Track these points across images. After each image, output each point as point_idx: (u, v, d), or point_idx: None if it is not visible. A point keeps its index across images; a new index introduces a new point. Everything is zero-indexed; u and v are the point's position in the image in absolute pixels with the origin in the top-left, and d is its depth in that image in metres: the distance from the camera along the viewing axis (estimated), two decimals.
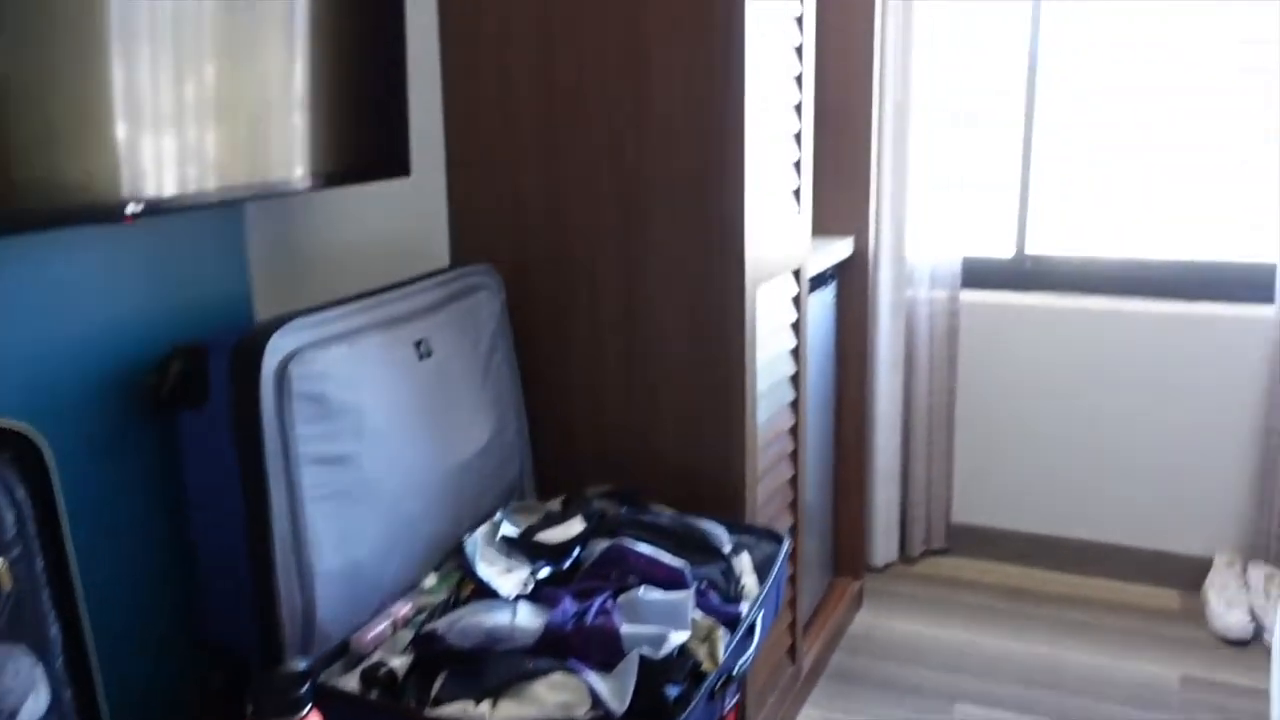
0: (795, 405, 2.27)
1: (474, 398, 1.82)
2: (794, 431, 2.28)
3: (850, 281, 2.74)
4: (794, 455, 2.29)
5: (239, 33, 1.41)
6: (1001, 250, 3.08)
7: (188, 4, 1.32)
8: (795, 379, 2.25)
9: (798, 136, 2.10)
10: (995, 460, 3.09)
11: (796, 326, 2.22)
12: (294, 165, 1.54)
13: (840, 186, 2.70)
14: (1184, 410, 2.86)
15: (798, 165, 2.12)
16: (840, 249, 2.62)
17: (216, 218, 1.58)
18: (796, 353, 2.23)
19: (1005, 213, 3.05)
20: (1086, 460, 2.99)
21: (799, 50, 2.07)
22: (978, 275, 3.06)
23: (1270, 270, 2.74)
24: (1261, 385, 2.76)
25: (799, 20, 2.05)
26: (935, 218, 2.95)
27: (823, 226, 2.72)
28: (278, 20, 1.48)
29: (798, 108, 2.09)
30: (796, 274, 2.19)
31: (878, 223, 2.86)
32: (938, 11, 2.80)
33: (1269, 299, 2.73)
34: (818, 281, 2.53)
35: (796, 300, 2.20)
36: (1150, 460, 2.92)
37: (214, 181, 1.40)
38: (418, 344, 1.68)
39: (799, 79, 2.08)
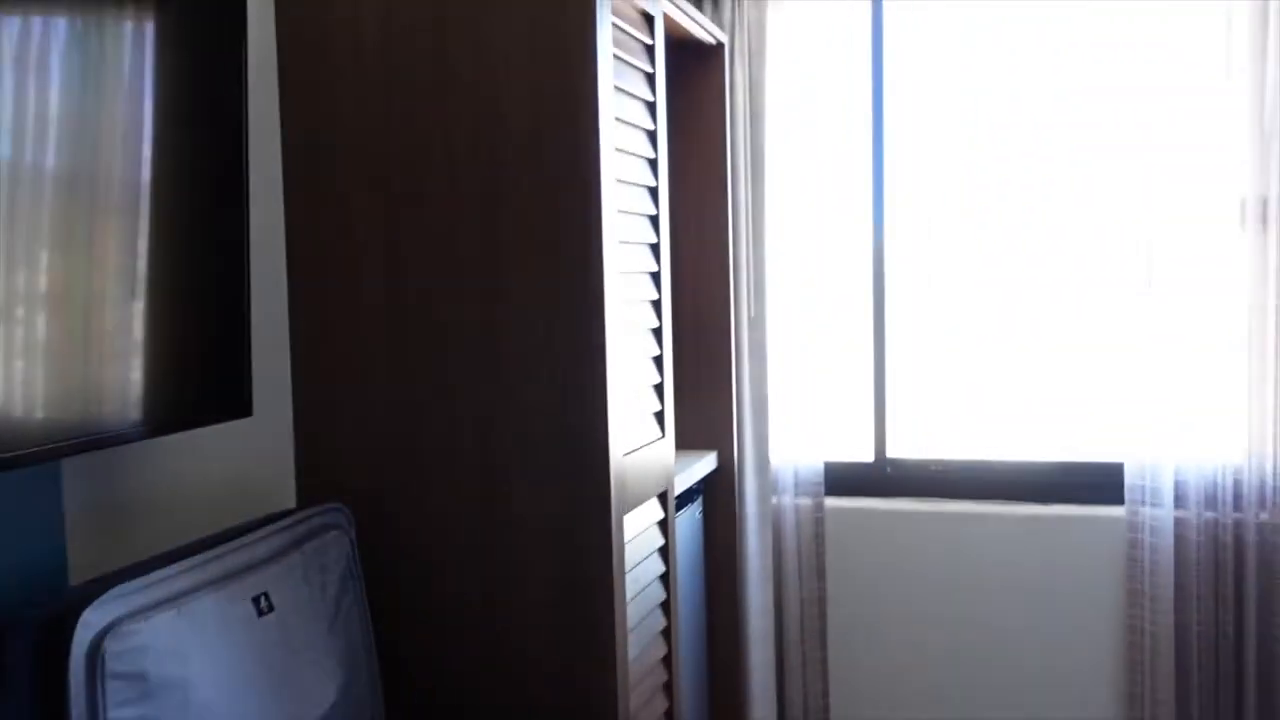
0: (667, 633, 2.17)
1: (322, 651, 1.66)
2: (667, 661, 2.17)
3: (716, 495, 2.71)
4: (668, 686, 2.18)
5: (67, 264, 1.32)
6: (862, 455, 3.11)
7: (12, 233, 1.23)
8: (666, 606, 2.16)
9: (658, 360, 2.09)
10: (870, 669, 3.02)
11: (665, 551, 2.15)
12: (123, 411, 1.42)
13: (702, 401, 2.70)
14: (1050, 611, 2.87)
15: (659, 388, 2.10)
16: (705, 464, 2.60)
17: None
18: (666, 579, 2.16)
19: (864, 418, 3.10)
20: (960, 664, 2.95)
21: (655, 276, 2.08)
22: (841, 481, 3.07)
23: (1119, 469, 2.82)
24: (1120, 584, 2.80)
25: (654, 247, 2.07)
26: (797, 425, 2.97)
27: (686, 442, 2.69)
28: (109, 256, 1.39)
29: (656, 331, 2.08)
30: (663, 497, 2.14)
31: (740, 433, 2.86)
32: (789, 225, 2.90)
33: (1119, 500, 2.80)
34: (684, 499, 2.48)
35: (664, 524, 2.14)
36: (1022, 662, 2.90)
37: (27, 436, 1.27)
38: (257, 599, 1.54)
39: (656, 304, 2.08)
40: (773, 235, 2.89)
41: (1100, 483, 2.89)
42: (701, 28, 2.53)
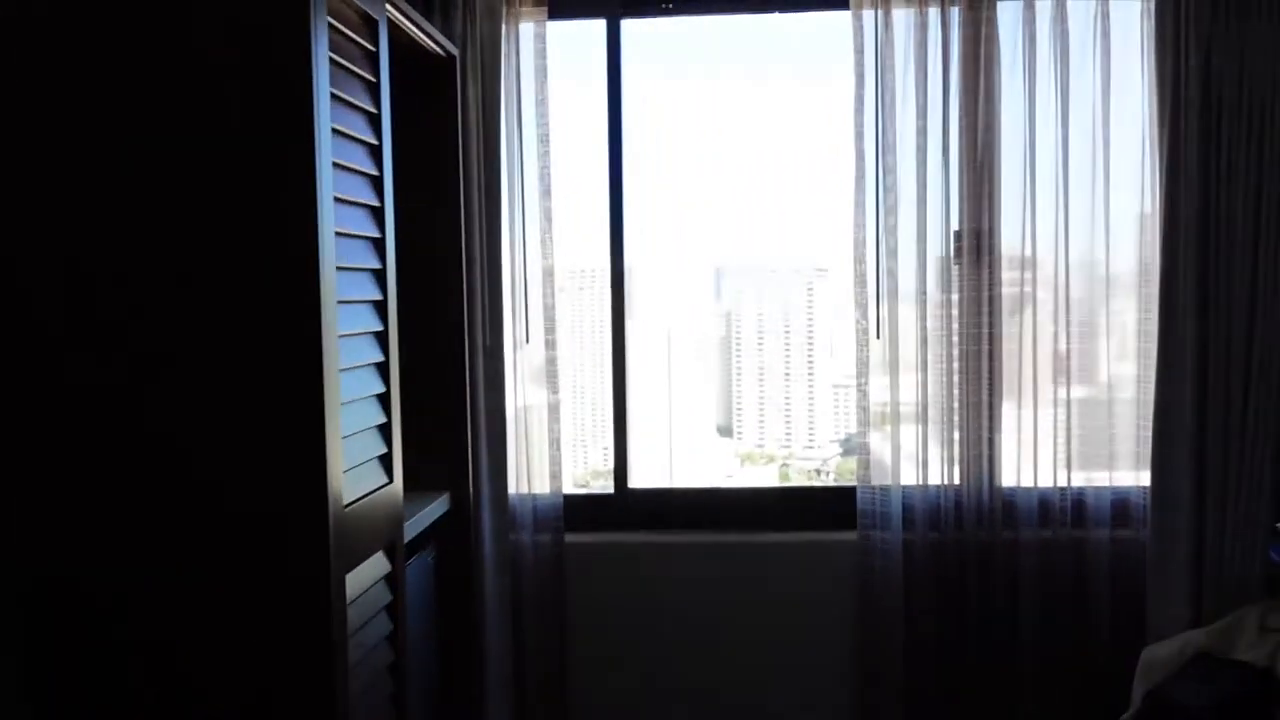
0: (397, 699, 1.97)
1: None
2: None
3: (450, 539, 2.52)
4: None
5: None
6: (603, 486, 3.02)
7: None
8: (395, 669, 1.96)
9: (384, 399, 1.89)
10: (613, 707, 2.92)
11: (393, 609, 1.94)
12: None
13: (435, 438, 2.51)
14: (790, 636, 2.87)
15: (385, 430, 1.90)
16: (438, 506, 2.41)
17: None
18: (394, 639, 1.95)
19: (605, 449, 3.00)
20: (702, 694, 2.90)
21: (380, 305, 1.88)
22: (581, 515, 2.95)
23: (851, 494, 2.85)
24: (855, 606, 2.83)
25: (378, 274, 1.88)
26: (536, 459, 2.83)
27: (418, 483, 2.47)
28: None
29: (382, 367, 1.88)
30: (391, 548, 1.94)
31: (476, 470, 2.68)
32: (527, 249, 2.77)
33: (853, 525, 2.84)
34: (414, 546, 2.28)
35: (391, 579, 1.94)
36: (766, 686, 2.88)
37: None
38: None
39: (382, 337, 1.89)
40: (508, 259, 2.75)
41: (834, 509, 2.92)
42: (431, 39, 2.36)
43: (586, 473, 3.16)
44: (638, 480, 3.00)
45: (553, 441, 2.84)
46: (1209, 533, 2.63)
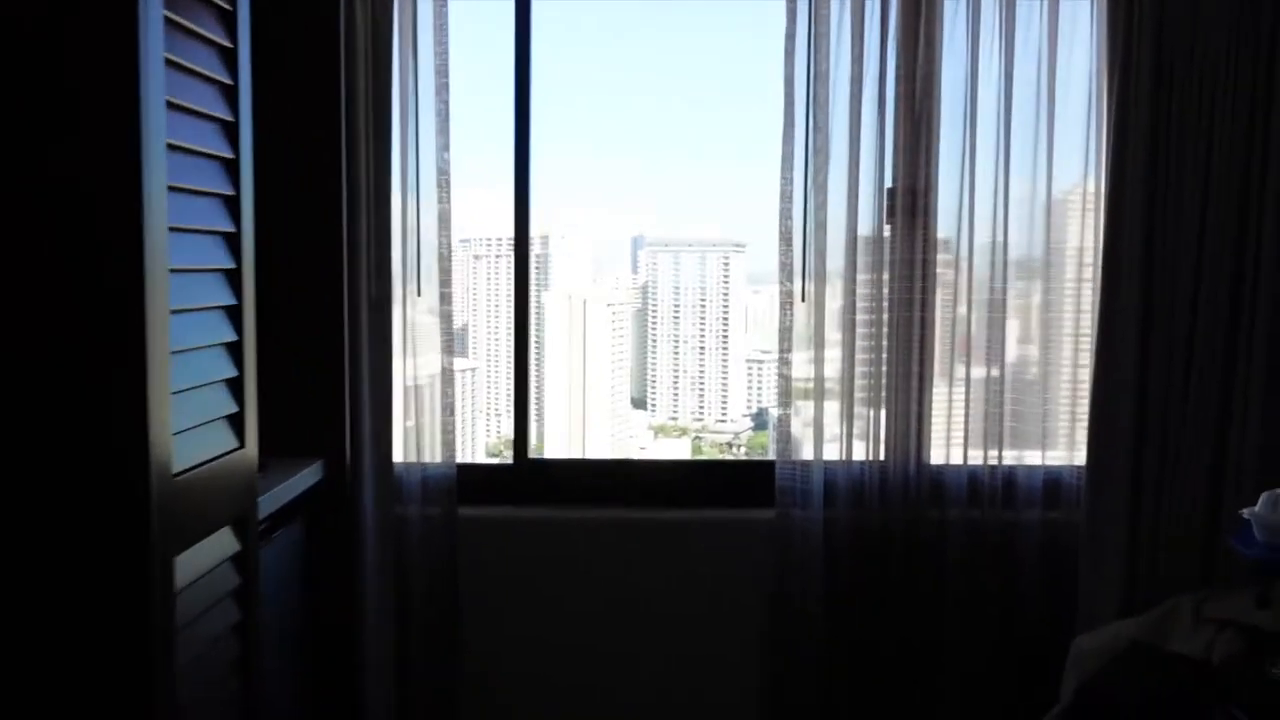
0: (245, 697, 1.71)
1: None
2: None
3: (323, 511, 2.25)
4: None
5: None
6: (502, 456, 2.77)
7: None
8: (243, 665, 1.69)
9: (234, 348, 1.61)
10: (510, 697, 2.69)
11: (243, 595, 1.67)
12: None
13: (308, 400, 2.23)
14: (703, 617, 2.67)
15: (236, 385, 1.62)
16: (307, 475, 2.14)
17: None
18: (244, 629, 1.69)
19: (504, 415, 2.76)
20: (611, 685, 2.69)
21: (231, 239, 1.60)
22: (477, 487, 2.69)
23: (770, 469, 2.65)
24: (771, 587, 2.63)
25: (230, 201, 1.59)
26: (428, 425, 2.57)
27: (284, 448, 2.18)
28: None
29: (233, 312, 1.60)
30: (240, 524, 1.67)
31: (356, 435, 2.41)
32: (423, 192, 2.49)
33: (771, 501, 2.64)
34: (278, 521, 2.01)
35: (240, 559, 1.67)
36: (673, 676, 2.69)
37: None
38: None
39: (233, 276, 1.60)
40: (399, 202, 2.46)
41: (749, 484, 2.72)
42: None
43: (499, 442, 2.93)
44: (551, 451, 2.75)
45: (446, 406, 2.57)
46: (1145, 516, 2.49)
